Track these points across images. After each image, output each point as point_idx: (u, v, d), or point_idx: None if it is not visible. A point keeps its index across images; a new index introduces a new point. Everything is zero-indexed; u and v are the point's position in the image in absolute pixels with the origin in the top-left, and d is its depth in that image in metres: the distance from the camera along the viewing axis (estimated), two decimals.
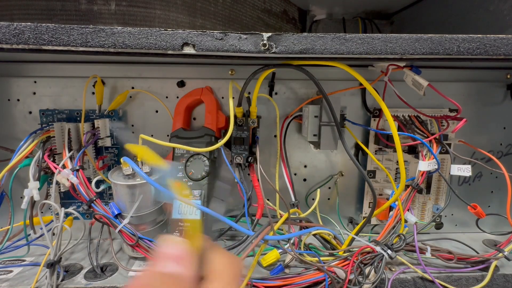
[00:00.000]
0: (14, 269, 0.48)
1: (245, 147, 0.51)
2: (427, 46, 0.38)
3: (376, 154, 0.57)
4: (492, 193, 0.60)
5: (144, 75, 0.53)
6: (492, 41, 0.38)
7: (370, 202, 0.58)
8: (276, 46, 0.37)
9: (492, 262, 0.48)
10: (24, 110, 0.53)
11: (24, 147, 0.46)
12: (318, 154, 0.58)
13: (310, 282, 0.43)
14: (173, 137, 0.51)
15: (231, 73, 0.53)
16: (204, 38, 0.37)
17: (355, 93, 0.56)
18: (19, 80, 0.52)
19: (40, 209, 0.47)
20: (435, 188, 0.57)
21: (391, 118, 0.43)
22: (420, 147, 0.50)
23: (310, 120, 0.49)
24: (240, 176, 0.52)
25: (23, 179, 0.50)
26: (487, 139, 0.58)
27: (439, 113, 0.54)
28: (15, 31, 0.34)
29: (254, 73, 0.46)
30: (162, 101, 0.54)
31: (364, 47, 0.38)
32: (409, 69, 0.46)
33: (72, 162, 0.46)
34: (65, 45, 0.35)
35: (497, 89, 0.57)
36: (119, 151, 0.55)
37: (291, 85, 0.55)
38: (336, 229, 0.58)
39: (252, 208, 0.51)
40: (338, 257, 0.47)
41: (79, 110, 0.53)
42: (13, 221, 0.48)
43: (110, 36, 0.35)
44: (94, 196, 0.46)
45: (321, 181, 0.59)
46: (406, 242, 0.47)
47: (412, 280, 0.47)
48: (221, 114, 0.52)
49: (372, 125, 0.55)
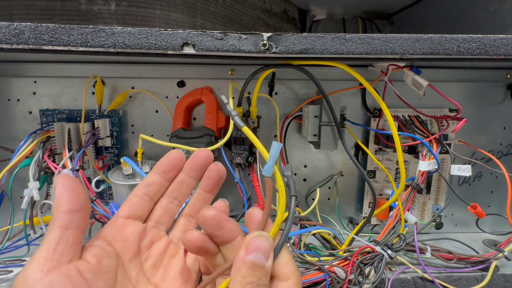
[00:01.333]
0: (14, 269, 0.48)
1: (245, 147, 0.51)
2: (427, 46, 0.38)
3: (376, 154, 0.57)
4: (492, 193, 0.60)
5: (144, 75, 0.53)
6: (492, 41, 0.38)
7: (370, 202, 0.58)
8: (276, 46, 0.37)
9: (492, 262, 0.48)
10: (24, 110, 0.53)
11: (24, 147, 0.46)
12: (318, 154, 0.58)
13: (310, 282, 0.43)
14: (173, 137, 0.51)
15: (231, 73, 0.53)
16: (204, 38, 0.37)
17: (355, 93, 0.56)
18: (19, 80, 0.52)
19: (40, 209, 0.47)
20: (435, 188, 0.57)
21: (391, 118, 0.43)
22: (420, 147, 0.50)
23: (310, 120, 0.49)
24: (240, 176, 0.52)
25: (23, 179, 0.50)
26: (487, 139, 0.58)
27: (439, 113, 0.54)
28: (15, 31, 0.34)
29: (254, 73, 0.46)
30: (162, 101, 0.54)
31: (364, 47, 0.38)
32: (409, 69, 0.46)
33: (72, 162, 0.47)
34: (65, 45, 0.35)
35: (497, 89, 0.57)
36: (119, 151, 0.55)
37: (291, 85, 0.55)
38: (336, 229, 0.58)
39: None
40: (338, 257, 0.47)
41: (79, 110, 0.53)
42: (13, 221, 0.48)
43: (110, 36, 0.35)
44: (94, 196, 0.46)
45: (321, 181, 0.59)
46: (406, 242, 0.47)
47: (412, 280, 0.47)
48: (221, 114, 0.52)
49: (372, 125, 0.55)
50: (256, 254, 0.21)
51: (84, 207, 0.23)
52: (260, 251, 0.21)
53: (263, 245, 0.21)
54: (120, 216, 0.27)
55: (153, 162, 0.53)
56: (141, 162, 0.50)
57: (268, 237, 0.22)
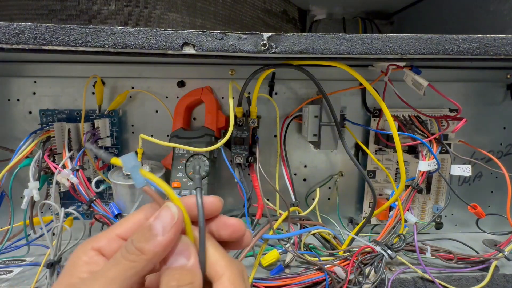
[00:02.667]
0: (14, 269, 0.48)
1: (245, 147, 0.51)
2: (427, 46, 0.38)
3: (376, 154, 0.57)
4: (492, 193, 0.60)
5: (144, 75, 0.53)
6: (492, 41, 0.38)
7: (370, 202, 0.58)
8: (276, 46, 0.37)
9: (492, 262, 0.48)
10: (24, 110, 0.53)
11: (24, 147, 0.46)
12: (318, 154, 0.58)
13: (310, 282, 0.43)
14: (173, 137, 0.51)
15: (231, 73, 0.53)
16: (204, 38, 0.37)
17: (355, 93, 0.56)
18: (19, 80, 0.52)
19: (40, 209, 0.47)
20: (435, 188, 0.57)
21: (391, 118, 0.43)
22: (420, 147, 0.50)
23: (310, 120, 0.49)
24: (240, 176, 0.52)
25: (23, 179, 0.50)
26: (487, 139, 0.58)
27: (439, 113, 0.54)
28: (15, 31, 0.34)
29: (254, 73, 0.46)
30: (162, 101, 0.54)
31: (364, 47, 0.38)
32: (409, 69, 0.46)
33: (72, 162, 0.46)
34: (65, 45, 0.35)
35: (497, 89, 0.57)
36: (119, 151, 0.55)
37: (291, 85, 0.55)
38: (336, 229, 0.58)
39: (252, 208, 0.51)
40: (338, 257, 0.47)
41: (79, 110, 0.53)
42: (13, 221, 0.48)
43: (110, 36, 0.35)
44: (94, 196, 0.46)
45: (321, 181, 0.59)
46: (406, 242, 0.47)
47: (412, 280, 0.47)
48: (221, 114, 0.52)
49: (372, 125, 0.55)
50: (173, 258, 0.20)
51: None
52: (180, 253, 0.20)
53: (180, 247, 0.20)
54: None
55: (153, 162, 0.53)
56: (141, 162, 0.50)
57: (185, 238, 0.21)
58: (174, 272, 0.20)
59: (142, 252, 0.19)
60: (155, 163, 0.53)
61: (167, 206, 0.21)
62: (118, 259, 0.20)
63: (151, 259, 0.19)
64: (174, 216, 0.20)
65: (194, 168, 0.47)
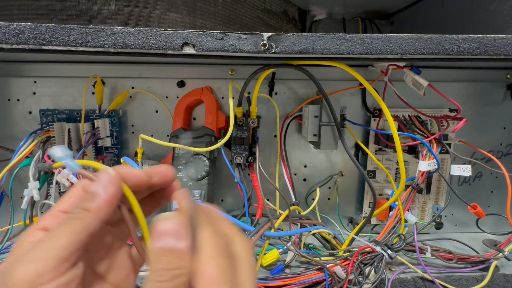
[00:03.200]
0: None
1: (245, 147, 0.51)
2: (427, 46, 0.38)
3: (376, 154, 0.57)
4: (492, 193, 0.60)
5: (144, 75, 0.53)
6: (492, 41, 0.38)
7: (370, 202, 0.58)
8: (276, 46, 0.37)
9: (492, 262, 0.48)
10: (24, 110, 0.53)
11: (24, 147, 0.46)
12: (318, 154, 0.58)
13: (310, 282, 0.43)
14: (173, 137, 0.51)
15: (231, 73, 0.53)
16: (204, 38, 0.37)
17: (355, 93, 0.56)
18: (19, 80, 0.52)
19: (40, 209, 0.47)
20: (435, 188, 0.57)
21: (391, 118, 0.43)
22: (420, 147, 0.50)
23: (310, 120, 0.49)
24: (240, 176, 0.52)
25: (23, 179, 0.50)
26: (487, 139, 0.58)
27: (439, 113, 0.54)
28: (15, 31, 0.34)
29: (254, 73, 0.46)
30: (162, 101, 0.54)
31: (364, 47, 0.38)
32: (409, 69, 0.46)
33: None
34: (65, 45, 0.35)
35: (497, 89, 0.57)
36: (119, 151, 0.55)
37: (291, 85, 0.55)
38: (336, 229, 0.58)
39: (252, 208, 0.51)
40: (338, 257, 0.47)
41: (79, 110, 0.53)
42: (13, 221, 0.48)
43: (110, 36, 0.35)
44: None
45: (321, 181, 0.59)
46: (406, 242, 0.47)
47: (412, 280, 0.47)
48: (221, 114, 0.52)
49: (372, 125, 0.55)
50: (164, 239, 0.19)
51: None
52: (168, 234, 0.20)
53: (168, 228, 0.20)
54: None
55: (153, 162, 0.53)
56: (141, 162, 0.50)
57: (175, 217, 0.20)
58: (164, 253, 0.19)
59: (87, 210, 0.20)
60: (155, 163, 0.53)
61: (103, 170, 0.22)
62: (65, 220, 0.20)
63: (96, 213, 0.20)
64: (111, 174, 0.22)
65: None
